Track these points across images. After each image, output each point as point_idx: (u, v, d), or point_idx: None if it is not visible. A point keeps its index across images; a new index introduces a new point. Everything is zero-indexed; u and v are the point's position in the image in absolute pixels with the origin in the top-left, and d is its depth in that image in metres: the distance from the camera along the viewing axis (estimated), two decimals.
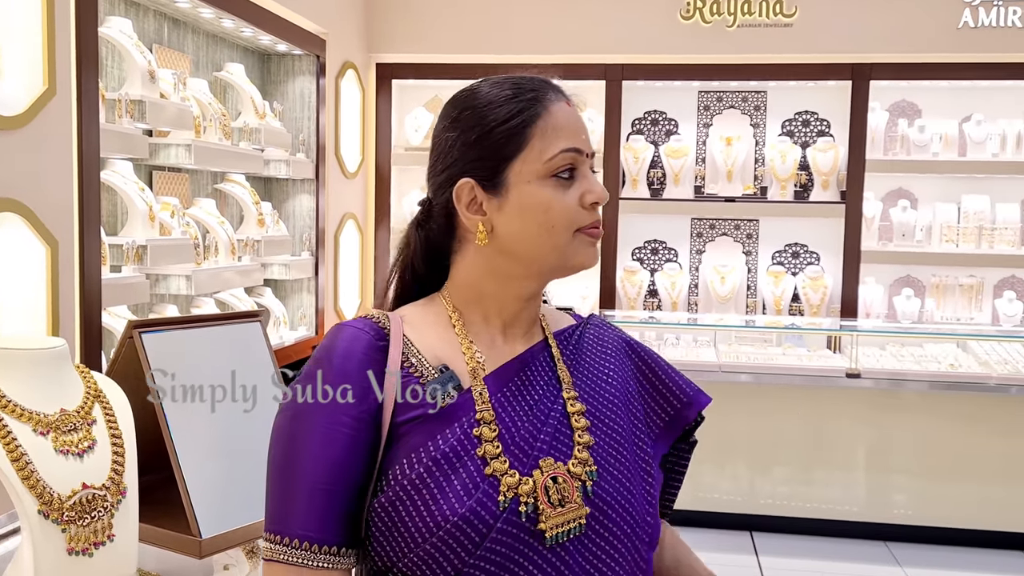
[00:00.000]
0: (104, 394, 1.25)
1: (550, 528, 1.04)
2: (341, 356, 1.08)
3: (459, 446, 1.05)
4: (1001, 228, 5.03)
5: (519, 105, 1.12)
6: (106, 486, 1.18)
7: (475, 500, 1.02)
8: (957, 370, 4.45)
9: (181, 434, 1.37)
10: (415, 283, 1.22)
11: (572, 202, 1.11)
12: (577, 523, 1.06)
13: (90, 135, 2.69)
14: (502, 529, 1.02)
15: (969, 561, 4.25)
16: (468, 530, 1.01)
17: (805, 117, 5.28)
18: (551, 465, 1.07)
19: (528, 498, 1.04)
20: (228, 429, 1.46)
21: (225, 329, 1.51)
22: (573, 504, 1.06)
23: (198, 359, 1.43)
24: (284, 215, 4.52)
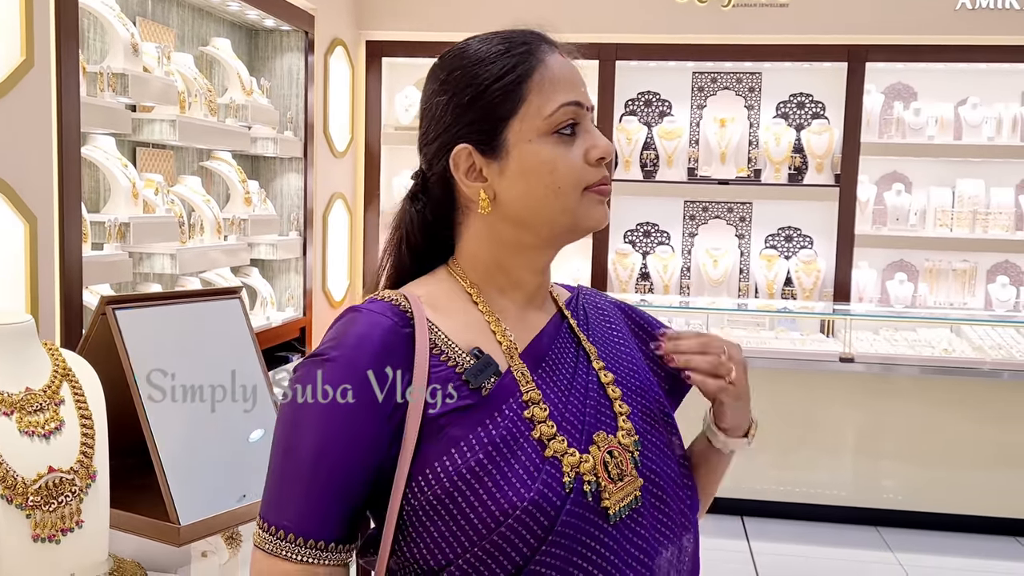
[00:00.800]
0: (73, 372, 1.19)
1: (613, 504, 1.01)
2: (353, 347, 1.01)
3: (514, 429, 0.99)
4: (995, 212, 4.99)
5: (512, 60, 1.04)
6: (74, 469, 1.13)
7: (540, 483, 0.97)
8: (951, 355, 4.42)
9: (158, 416, 1.31)
10: (414, 260, 1.14)
11: (577, 159, 1.04)
12: (634, 495, 1.03)
13: (70, 108, 2.61)
14: (571, 511, 0.98)
15: (961, 546, 4.24)
16: (538, 515, 0.96)
17: (800, 99, 5.22)
18: (605, 439, 1.04)
19: (591, 476, 1.00)
20: (207, 411, 1.41)
21: (203, 306, 1.45)
22: (630, 476, 1.04)
23: (174, 337, 1.38)
24: (271, 194, 4.45)
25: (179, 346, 1.37)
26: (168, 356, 1.34)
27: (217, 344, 1.45)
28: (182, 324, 1.41)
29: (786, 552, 4.11)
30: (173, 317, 1.39)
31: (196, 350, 1.42)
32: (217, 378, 1.42)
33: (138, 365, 1.30)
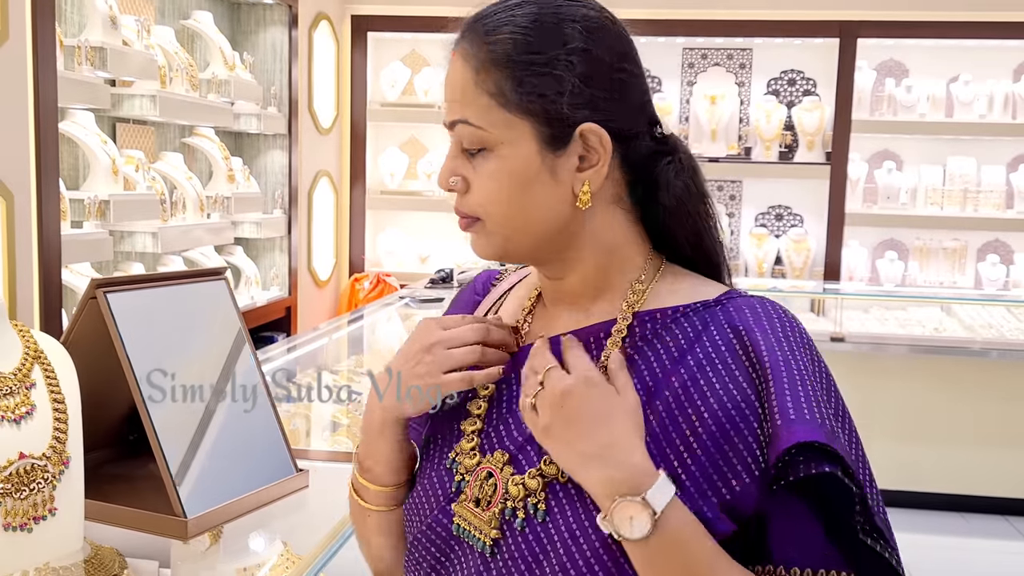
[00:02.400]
0: (45, 355, 1.14)
1: (457, 515, 0.92)
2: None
3: (445, 431, 0.99)
4: (986, 191, 4.96)
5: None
6: (46, 455, 1.07)
7: (431, 485, 0.97)
8: (941, 334, 4.41)
9: (156, 404, 1.26)
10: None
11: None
12: (481, 539, 0.89)
13: (46, 82, 2.54)
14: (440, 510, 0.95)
15: (950, 525, 4.24)
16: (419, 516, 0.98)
17: (791, 76, 5.17)
18: (500, 461, 0.90)
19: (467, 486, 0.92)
20: (207, 392, 1.36)
21: (192, 288, 1.40)
22: (484, 516, 0.89)
23: (166, 320, 1.32)
24: (255, 171, 4.38)
25: (170, 330, 1.32)
26: (160, 340, 1.29)
27: (206, 326, 1.39)
28: (171, 307, 1.36)
29: None
30: (162, 300, 1.34)
31: (186, 333, 1.36)
32: (208, 362, 1.37)
33: (132, 350, 1.25)
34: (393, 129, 5.42)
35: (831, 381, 0.92)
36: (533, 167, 0.88)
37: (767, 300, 0.91)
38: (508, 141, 0.88)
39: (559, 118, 0.87)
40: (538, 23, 0.88)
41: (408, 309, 3.74)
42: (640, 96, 0.92)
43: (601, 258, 0.93)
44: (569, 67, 0.87)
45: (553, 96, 0.87)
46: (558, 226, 0.90)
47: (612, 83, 0.89)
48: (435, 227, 5.42)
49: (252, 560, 1.33)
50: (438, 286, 4.17)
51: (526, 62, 0.87)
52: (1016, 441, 4.31)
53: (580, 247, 0.92)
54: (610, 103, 0.88)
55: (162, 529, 1.25)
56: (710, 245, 0.95)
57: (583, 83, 0.87)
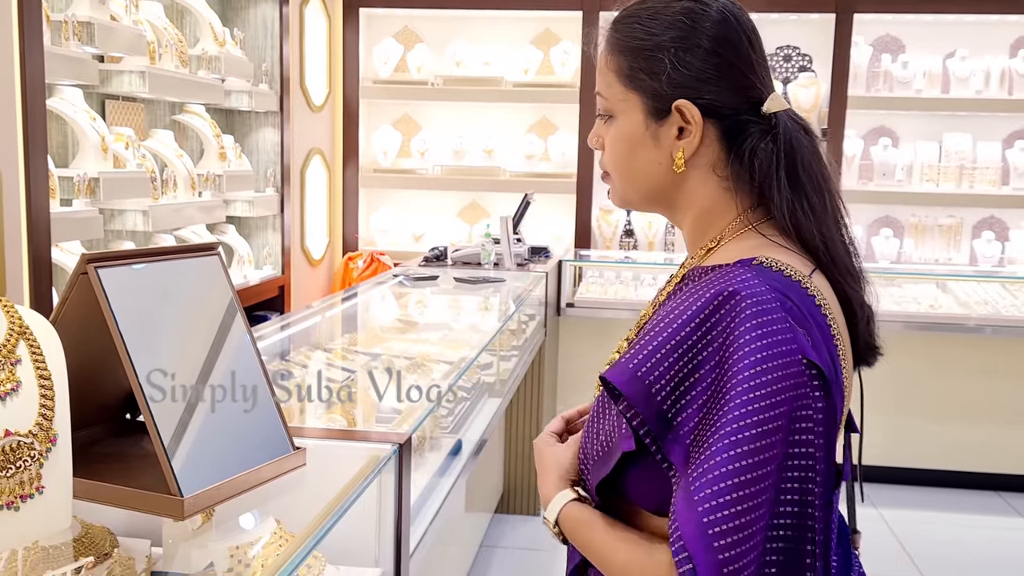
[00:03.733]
0: (31, 330, 1.11)
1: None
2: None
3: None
4: (982, 167, 4.94)
5: None
6: (33, 433, 1.05)
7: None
8: (936, 311, 4.40)
9: (148, 377, 1.23)
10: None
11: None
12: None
13: (33, 58, 2.50)
14: None
15: (945, 501, 4.25)
16: None
17: (787, 52, 5.13)
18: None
19: None
20: (199, 370, 1.33)
21: (185, 263, 1.37)
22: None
23: (159, 296, 1.29)
24: (247, 149, 4.33)
25: (163, 306, 1.29)
26: (153, 316, 1.26)
27: (199, 303, 1.37)
28: (163, 283, 1.33)
29: None
30: (154, 276, 1.31)
31: (179, 309, 1.34)
32: (202, 338, 1.34)
33: (124, 326, 1.22)
34: (386, 106, 5.37)
35: (730, 364, 0.94)
36: (639, 133, 1.08)
37: (750, 276, 0.97)
38: (624, 111, 1.09)
39: (660, 94, 1.05)
40: (652, 16, 1.07)
41: (402, 287, 3.72)
42: (740, 78, 1.05)
43: (696, 216, 1.10)
44: (670, 53, 1.05)
45: (656, 76, 1.05)
46: (661, 185, 1.09)
47: (708, 66, 1.04)
48: (429, 205, 5.39)
49: (245, 538, 1.31)
50: (432, 264, 4.15)
51: (638, 47, 1.07)
52: (1010, 417, 4.32)
53: (680, 205, 1.11)
54: (705, 84, 1.04)
55: (157, 508, 1.23)
56: (801, 218, 1.04)
57: (682, 66, 1.04)
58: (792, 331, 0.94)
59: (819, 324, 0.99)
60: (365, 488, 1.44)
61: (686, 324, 0.96)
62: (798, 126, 1.07)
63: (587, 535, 1.05)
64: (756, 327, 0.93)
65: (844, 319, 1.07)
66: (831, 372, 0.96)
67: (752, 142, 1.05)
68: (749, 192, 1.07)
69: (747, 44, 1.07)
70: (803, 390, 0.92)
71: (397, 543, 1.56)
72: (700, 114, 1.04)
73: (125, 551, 1.25)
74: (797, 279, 1.00)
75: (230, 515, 1.32)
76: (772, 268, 1.00)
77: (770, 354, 0.92)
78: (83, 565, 1.09)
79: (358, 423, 1.87)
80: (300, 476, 1.40)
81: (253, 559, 1.26)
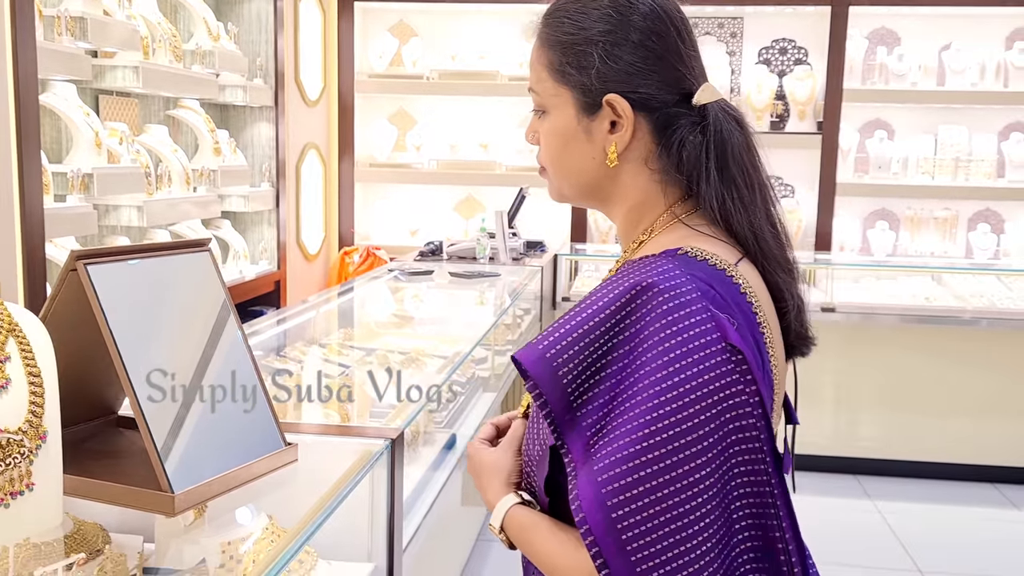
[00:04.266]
0: (20, 328, 1.11)
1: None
2: None
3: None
4: (977, 160, 4.94)
5: None
6: (23, 430, 1.05)
7: None
8: (931, 303, 4.41)
9: (139, 375, 1.23)
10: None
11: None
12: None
13: (26, 53, 2.50)
14: None
15: (940, 494, 4.26)
16: None
17: (783, 45, 5.13)
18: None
19: None
20: (191, 367, 1.33)
21: (175, 259, 1.37)
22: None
23: (149, 293, 1.29)
24: (242, 144, 4.33)
25: (153, 302, 1.29)
26: (143, 313, 1.26)
27: (190, 299, 1.37)
28: (153, 279, 1.33)
29: None
30: (144, 272, 1.31)
31: (170, 306, 1.34)
32: (193, 335, 1.34)
33: (114, 323, 1.22)
34: (381, 101, 5.36)
35: (640, 352, 0.94)
36: (572, 128, 1.08)
37: (671, 268, 0.97)
38: (556, 106, 1.08)
39: (590, 89, 1.05)
40: (581, 10, 1.06)
41: (397, 282, 3.72)
42: (670, 71, 1.05)
43: (628, 209, 1.10)
44: (599, 47, 1.04)
45: (585, 70, 1.05)
46: (594, 179, 1.09)
47: (637, 59, 1.04)
48: (424, 200, 5.39)
49: (237, 534, 1.32)
50: (427, 259, 4.14)
51: (567, 42, 1.06)
52: (1006, 409, 4.33)
53: (613, 199, 1.10)
54: (635, 77, 1.04)
55: (148, 504, 1.23)
56: (731, 209, 1.04)
57: (611, 60, 1.04)
58: (713, 319, 0.93)
59: (744, 312, 0.99)
60: (357, 483, 1.44)
61: (600, 312, 0.96)
62: (730, 117, 1.07)
63: (529, 538, 1.03)
64: (671, 322, 0.92)
65: (774, 308, 1.07)
66: (756, 359, 0.96)
67: (681, 134, 1.05)
68: (679, 184, 1.07)
69: (676, 36, 1.06)
70: (732, 376, 0.91)
71: (390, 537, 1.56)
72: (631, 108, 1.04)
73: (117, 547, 1.25)
74: (722, 268, 1.00)
75: (222, 511, 1.32)
76: (697, 258, 1.00)
77: (684, 340, 0.91)
78: (74, 562, 1.09)
79: (352, 419, 1.87)
80: (292, 472, 1.40)
81: (244, 555, 1.26)
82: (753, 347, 0.97)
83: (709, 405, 0.90)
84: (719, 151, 1.04)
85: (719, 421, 0.90)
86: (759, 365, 0.96)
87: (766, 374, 0.99)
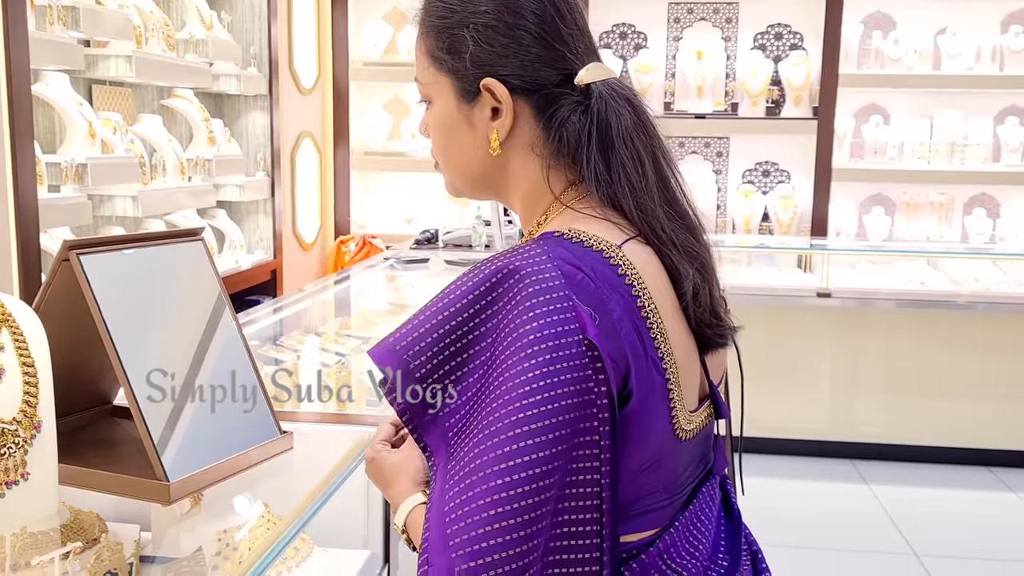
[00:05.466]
0: (13, 317, 1.11)
1: None
2: None
3: None
4: (973, 144, 4.94)
5: None
6: (17, 420, 1.05)
7: None
8: (927, 288, 4.42)
9: (133, 363, 1.23)
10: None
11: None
12: None
13: (18, 43, 2.49)
14: None
15: (935, 477, 4.28)
16: None
17: (778, 30, 5.11)
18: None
19: None
20: (185, 357, 1.33)
21: (168, 249, 1.37)
22: None
23: (143, 282, 1.29)
24: (236, 133, 4.32)
25: (147, 292, 1.29)
26: (137, 303, 1.26)
27: (184, 289, 1.37)
28: (147, 269, 1.33)
29: (765, 486, 4.13)
30: (137, 262, 1.31)
31: (164, 295, 1.34)
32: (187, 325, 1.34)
33: (108, 313, 1.22)
34: (376, 89, 5.35)
35: (491, 340, 0.90)
36: (454, 117, 1.03)
37: (538, 252, 0.92)
38: (437, 95, 1.04)
39: (465, 74, 1.00)
40: None
41: (393, 271, 3.72)
42: (546, 51, 1.00)
43: (522, 197, 1.05)
44: (471, 29, 0.99)
45: (459, 55, 1.00)
46: (481, 169, 1.05)
47: (510, 41, 0.99)
48: (420, 188, 5.38)
49: (233, 522, 1.32)
50: (423, 247, 4.14)
51: (441, 26, 1.01)
52: (1002, 393, 4.34)
53: (507, 188, 1.06)
54: (510, 60, 0.99)
55: (144, 493, 1.23)
56: (617, 190, 0.99)
57: (484, 42, 0.99)
58: (572, 309, 0.87)
59: (623, 295, 0.92)
60: (353, 471, 1.44)
61: (459, 299, 0.91)
62: (618, 95, 1.00)
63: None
64: (531, 307, 0.87)
65: (673, 293, 1.00)
66: (621, 350, 0.90)
67: (562, 115, 0.99)
68: (567, 168, 1.01)
69: (553, 15, 1.00)
70: (586, 371, 0.86)
71: (386, 525, 1.57)
72: (508, 92, 0.99)
73: (114, 536, 1.26)
74: (599, 249, 0.93)
75: (218, 499, 1.32)
76: (573, 240, 0.94)
77: (542, 333, 0.86)
78: (71, 550, 1.09)
79: (347, 407, 1.87)
80: (288, 460, 1.40)
81: (240, 543, 1.26)
82: (630, 336, 0.91)
83: (561, 409, 0.85)
84: (602, 130, 0.99)
85: (569, 425, 0.86)
86: (641, 354, 0.91)
87: (650, 362, 0.92)
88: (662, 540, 0.97)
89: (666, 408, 0.94)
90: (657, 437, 0.94)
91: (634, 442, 0.92)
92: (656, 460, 0.95)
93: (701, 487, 1.05)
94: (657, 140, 1.03)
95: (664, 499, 0.98)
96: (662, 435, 0.95)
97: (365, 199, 5.42)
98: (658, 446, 0.95)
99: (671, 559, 0.97)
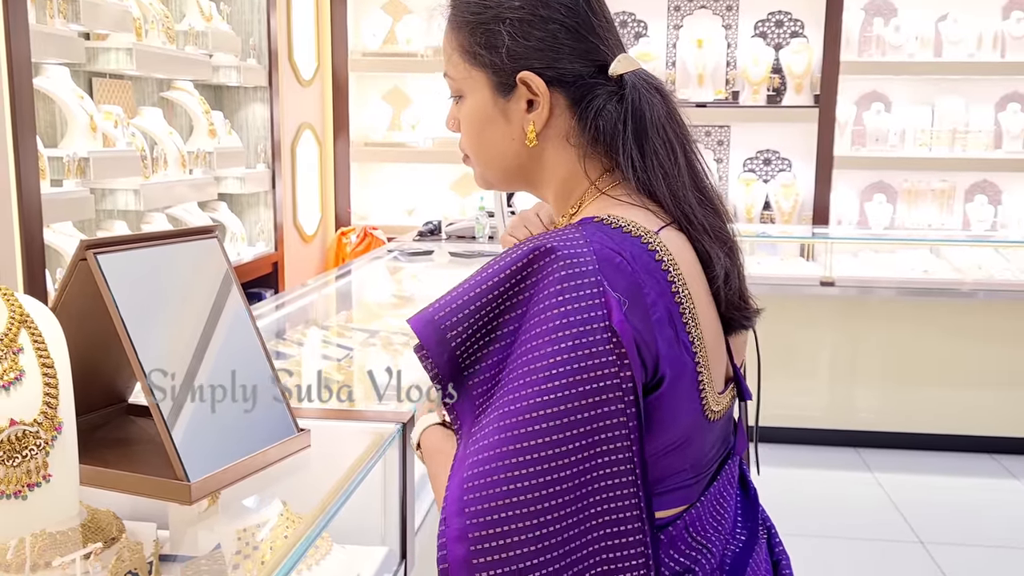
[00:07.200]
0: (32, 319, 1.10)
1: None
2: None
3: None
4: (975, 131, 4.93)
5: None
6: (38, 421, 1.04)
7: None
8: (929, 276, 4.41)
9: (151, 363, 1.22)
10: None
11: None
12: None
13: (19, 36, 2.46)
14: None
15: (938, 464, 4.28)
16: None
17: (779, 17, 5.09)
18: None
19: None
20: (202, 355, 1.32)
21: (183, 247, 1.35)
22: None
23: (159, 281, 1.28)
24: (236, 125, 4.29)
25: (163, 290, 1.28)
26: (154, 302, 1.25)
27: (199, 286, 1.36)
28: (163, 267, 1.32)
29: (766, 474, 4.12)
30: (153, 260, 1.30)
31: (180, 294, 1.33)
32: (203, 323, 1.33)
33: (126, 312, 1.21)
34: (376, 79, 5.32)
35: (524, 320, 0.93)
36: (489, 111, 1.05)
37: (576, 236, 0.94)
38: (471, 90, 1.06)
39: (502, 68, 1.03)
40: None
41: (396, 263, 3.71)
42: (581, 43, 1.03)
43: (557, 188, 1.08)
44: (506, 24, 1.02)
45: (496, 50, 1.02)
46: (516, 161, 1.07)
47: (546, 35, 1.02)
48: (421, 179, 5.36)
49: (252, 520, 1.31)
50: (426, 239, 4.13)
51: (474, 22, 1.03)
52: (1004, 380, 4.35)
53: (541, 180, 1.09)
54: (546, 52, 1.02)
55: (164, 493, 1.23)
56: (651, 177, 1.02)
57: (520, 37, 1.01)
58: (601, 295, 0.89)
59: (658, 280, 0.95)
60: (371, 468, 1.44)
61: (495, 275, 0.94)
62: (649, 86, 1.04)
63: (430, 461, 1.05)
64: (561, 290, 0.89)
65: (705, 279, 1.03)
66: (651, 334, 0.92)
67: (597, 105, 1.02)
68: (602, 156, 1.04)
69: (586, 8, 1.03)
70: (609, 357, 0.88)
71: (403, 521, 1.56)
72: (545, 84, 1.02)
73: (131, 535, 1.25)
74: (638, 235, 0.96)
75: (236, 498, 1.32)
76: (612, 225, 0.96)
77: (567, 311, 0.89)
78: (92, 551, 1.08)
79: (361, 403, 1.86)
80: (305, 457, 1.40)
81: (261, 542, 1.26)
82: (662, 320, 0.93)
83: (581, 394, 0.87)
84: (637, 120, 1.02)
85: (586, 411, 0.87)
86: (672, 338, 0.94)
87: (682, 346, 0.95)
88: (688, 514, 1.01)
89: (696, 390, 0.98)
90: (687, 418, 0.98)
91: (665, 423, 0.95)
92: (686, 440, 0.99)
93: (723, 466, 1.10)
94: (684, 128, 1.07)
95: (691, 477, 1.02)
96: (692, 416, 0.98)
97: (365, 190, 5.40)
98: (688, 427, 0.98)
99: (696, 532, 1.02)
